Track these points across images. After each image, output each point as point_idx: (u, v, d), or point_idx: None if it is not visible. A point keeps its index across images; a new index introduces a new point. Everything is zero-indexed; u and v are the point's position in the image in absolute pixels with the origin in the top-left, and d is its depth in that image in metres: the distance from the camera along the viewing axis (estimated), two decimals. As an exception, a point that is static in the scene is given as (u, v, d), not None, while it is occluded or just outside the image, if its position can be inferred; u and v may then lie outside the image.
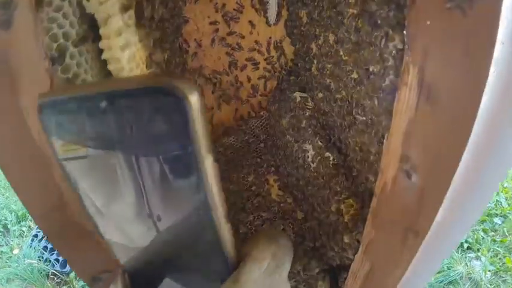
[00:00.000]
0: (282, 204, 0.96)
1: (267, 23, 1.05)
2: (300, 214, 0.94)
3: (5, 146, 0.52)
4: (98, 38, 0.53)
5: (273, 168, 1.06)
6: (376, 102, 0.57)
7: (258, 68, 1.11)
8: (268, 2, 1.00)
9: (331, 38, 0.76)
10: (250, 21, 1.05)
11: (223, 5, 1.02)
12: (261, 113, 1.16)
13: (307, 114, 0.91)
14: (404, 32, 0.44)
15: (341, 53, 0.71)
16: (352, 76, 0.66)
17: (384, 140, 0.54)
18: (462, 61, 0.39)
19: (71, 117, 0.34)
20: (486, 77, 0.38)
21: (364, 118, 0.63)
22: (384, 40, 0.53)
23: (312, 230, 0.88)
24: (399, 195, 0.56)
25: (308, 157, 0.87)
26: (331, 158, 0.81)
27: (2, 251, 4.48)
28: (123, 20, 0.52)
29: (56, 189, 0.56)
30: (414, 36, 0.43)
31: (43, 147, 0.51)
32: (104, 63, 0.55)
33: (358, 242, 0.73)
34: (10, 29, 0.42)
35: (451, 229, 0.58)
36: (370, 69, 0.58)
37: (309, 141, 0.87)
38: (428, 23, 0.41)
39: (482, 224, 2.82)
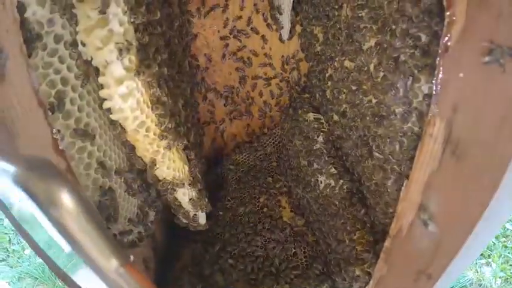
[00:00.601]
0: (294, 228, 0.95)
1: (280, 39, 1.03)
2: (311, 237, 0.93)
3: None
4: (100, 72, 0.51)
5: (285, 189, 1.04)
6: (396, 146, 0.56)
7: (270, 84, 1.10)
8: (280, 20, 0.98)
9: (348, 64, 0.74)
10: (262, 36, 1.04)
11: (235, 19, 1.01)
12: (274, 131, 1.14)
13: (321, 137, 0.89)
14: (433, 81, 0.42)
15: (359, 82, 0.68)
16: (371, 109, 0.64)
17: (403, 187, 0.52)
18: (496, 122, 0.37)
19: None
20: None
21: (382, 156, 0.61)
22: (409, 81, 0.51)
23: (323, 255, 0.87)
24: (415, 241, 0.55)
25: (321, 182, 0.85)
26: (344, 186, 0.80)
27: (14, 250, 4.51)
28: (123, 66, 0.50)
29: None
30: (444, 88, 0.41)
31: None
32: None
33: (369, 274, 0.72)
34: (4, 81, 0.41)
35: (461, 267, 0.57)
36: (391, 109, 0.56)
37: (322, 167, 0.85)
38: (461, 75, 0.39)
39: None
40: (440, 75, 0.41)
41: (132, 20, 0.48)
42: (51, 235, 0.37)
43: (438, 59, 0.41)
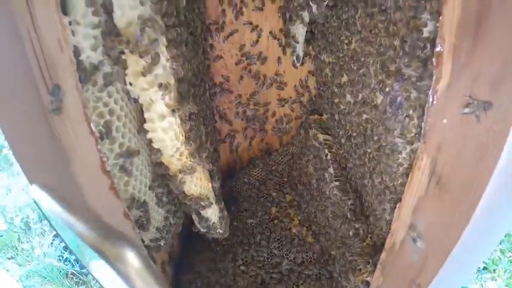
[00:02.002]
0: (301, 239, 1.04)
1: (293, 64, 1.11)
2: (317, 248, 1.01)
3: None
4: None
5: (295, 203, 1.13)
6: (392, 174, 0.64)
7: (283, 106, 1.19)
8: (295, 47, 1.06)
9: (355, 94, 0.82)
10: (277, 60, 1.13)
11: (252, 43, 1.09)
12: (286, 148, 1.23)
13: (329, 157, 0.97)
14: (423, 123, 0.51)
15: (363, 112, 0.77)
16: (373, 138, 0.73)
17: (396, 208, 0.61)
18: (471, 162, 0.46)
19: None
20: (490, 177, 0.45)
21: (380, 180, 0.70)
22: (406, 119, 0.59)
23: (328, 265, 0.96)
24: (405, 255, 0.64)
25: (328, 199, 0.94)
26: (348, 203, 0.88)
27: (23, 248, 4.58)
28: (165, 104, 0.59)
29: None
30: (431, 130, 0.50)
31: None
32: (143, 122, 0.64)
33: (368, 283, 0.81)
34: (61, 113, 0.50)
35: (450, 281, 0.65)
36: (389, 139, 0.65)
37: (330, 185, 0.93)
38: (445, 121, 0.48)
39: (500, 244, 2.76)
40: (428, 120, 0.50)
41: (174, 66, 0.58)
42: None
43: (427, 106, 0.49)
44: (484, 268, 2.63)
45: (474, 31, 0.41)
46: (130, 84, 0.58)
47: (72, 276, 3.35)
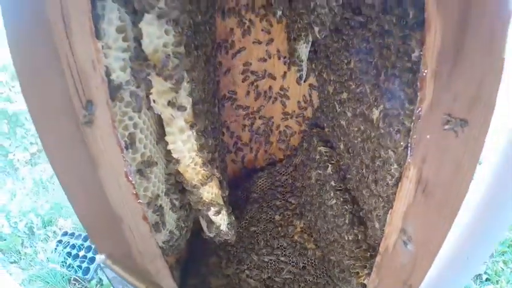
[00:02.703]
0: (303, 245, 1.10)
1: (297, 81, 1.19)
2: (318, 253, 1.07)
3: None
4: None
5: (297, 211, 1.19)
6: (384, 183, 0.71)
7: (287, 119, 1.25)
8: (299, 65, 1.13)
9: (353, 111, 0.89)
10: (282, 76, 1.20)
11: (260, 60, 1.17)
12: (289, 160, 1.30)
13: (329, 169, 1.04)
14: (409, 139, 0.57)
15: (361, 128, 0.84)
16: (369, 151, 0.79)
17: (388, 214, 0.67)
18: (452, 172, 0.53)
19: None
20: (468, 185, 0.52)
21: (375, 188, 0.76)
22: (397, 134, 0.66)
23: (328, 269, 1.02)
24: (398, 257, 0.70)
25: (328, 208, 1.00)
26: (348, 211, 0.94)
27: (26, 253, 4.62)
28: (185, 121, 0.67)
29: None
30: (417, 144, 0.57)
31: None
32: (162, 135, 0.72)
33: (364, 285, 0.87)
34: (93, 125, 0.57)
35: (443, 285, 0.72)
36: (382, 152, 0.71)
37: (330, 194, 1.00)
38: (428, 137, 0.55)
39: (503, 255, 2.77)
40: (414, 136, 0.56)
41: (193, 87, 0.65)
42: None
43: (413, 124, 0.56)
44: (487, 279, 2.65)
45: (452, 58, 0.48)
46: (154, 101, 0.65)
47: (75, 282, 3.39)
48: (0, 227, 5.07)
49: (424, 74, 0.51)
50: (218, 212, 0.82)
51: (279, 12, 1.03)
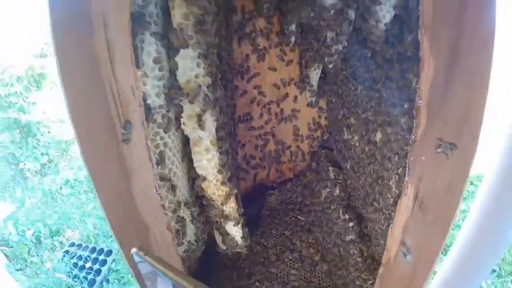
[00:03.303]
0: (312, 260, 1.16)
1: (308, 104, 1.27)
2: (325, 268, 1.13)
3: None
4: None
5: (306, 227, 1.25)
6: (386, 200, 0.78)
7: (297, 140, 1.33)
8: (311, 90, 1.22)
9: (359, 135, 0.97)
10: (294, 99, 1.28)
11: (275, 85, 1.25)
12: (299, 178, 1.37)
13: (337, 188, 1.11)
14: (407, 160, 0.65)
15: (366, 151, 0.91)
16: (373, 172, 0.87)
17: (389, 228, 0.74)
18: (444, 189, 0.61)
19: None
20: (459, 200, 0.59)
21: (378, 205, 0.83)
22: (395, 156, 0.74)
23: (335, 283, 1.08)
24: (398, 268, 0.76)
25: (336, 224, 1.07)
26: (354, 227, 1.01)
27: (32, 261, 4.69)
28: (210, 142, 0.76)
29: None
30: (413, 165, 0.64)
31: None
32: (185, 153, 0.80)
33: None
34: (130, 143, 0.65)
35: None
36: (384, 172, 0.79)
37: (338, 212, 1.07)
38: (423, 158, 0.62)
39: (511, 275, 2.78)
40: (411, 158, 0.64)
41: (218, 112, 0.75)
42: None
43: (410, 147, 0.64)
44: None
45: (443, 90, 0.56)
46: (184, 124, 0.74)
47: (80, 293, 3.43)
48: (8, 234, 5.16)
49: (419, 104, 0.59)
50: (234, 225, 0.89)
51: (292, 41, 1.11)
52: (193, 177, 0.82)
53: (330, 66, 0.98)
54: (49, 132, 8.20)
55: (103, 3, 0.57)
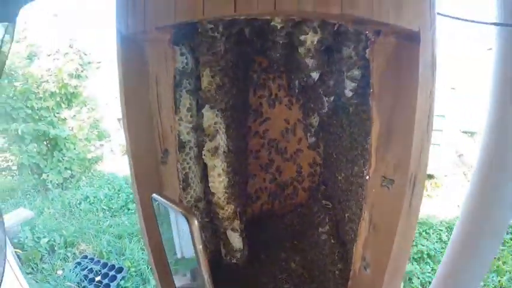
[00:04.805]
0: (303, 279, 1.37)
1: (309, 147, 1.51)
2: (314, 285, 1.34)
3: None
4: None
5: (299, 251, 1.46)
6: (354, 228, 1.01)
7: (299, 177, 1.56)
8: (312, 134, 1.46)
9: (348, 174, 1.20)
10: (299, 140, 1.52)
11: (283, 130, 1.49)
12: (296, 211, 1.59)
13: (327, 219, 1.33)
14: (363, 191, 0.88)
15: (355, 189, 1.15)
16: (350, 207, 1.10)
17: (354, 246, 0.96)
18: (388, 212, 0.84)
19: None
20: (398, 219, 0.82)
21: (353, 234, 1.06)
22: (360, 188, 0.97)
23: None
24: (362, 279, 0.98)
25: (323, 250, 1.28)
26: (338, 251, 1.22)
27: (43, 268, 4.86)
28: (222, 169, 1.02)
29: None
30: (368, 196, 0.87)
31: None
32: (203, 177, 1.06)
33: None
34: (166, 165, 0.92)
35: None
36: (346, 202, 1.02)
37: (325, 239, 1.28)
38: (374, 190, 0.85)
39: None
40: (366, 190, 0.87)
41: (230, 149, 1.01)
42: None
43: (365, 182, 0.87)
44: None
45: (386, 140, 0.80)
46: (204, 155, 1.00)
47: (86, 304, 3.61)
48: (24, 239, 5.37)
49: (370, 150, 0.83)
50: (234, 230, 1.13)
51: (296, 93, 1.37)
52: (208, 194, 1.07)
53: (322, 116, 1.24)
54: (74, 148, 8.61)
55: (157, 68, 0.85)
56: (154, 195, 0.78)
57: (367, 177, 0.86)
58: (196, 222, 0.71)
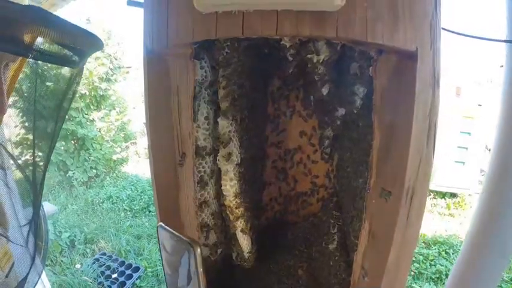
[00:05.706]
0: (304, 283, 1.42)
1: (322, 158, 1.56)
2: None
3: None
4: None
5: (306, 257, 1.52)
6: (352, 238, 1.06)
7: (313, 187, 1.62)
8: (326, 145, 1.52)
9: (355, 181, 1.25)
10: (315, 150, 1.58)
11: (297, 138, 1.55)
12: (308, 221, 1.64)
13: (336, 229, 1.38)
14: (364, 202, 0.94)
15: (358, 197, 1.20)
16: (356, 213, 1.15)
17: (354, 256, 1.01)
18: (385, 223, 0.89)
19: None
20: (394, 228, 0.87)
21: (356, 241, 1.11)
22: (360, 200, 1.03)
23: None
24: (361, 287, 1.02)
25: (330, 260, 1.33)
26: (343, 260, 1.27)
27: (62, 261, 4.99)
28: (234, 174, 1.10)
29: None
30: (368, 206, 0.93)
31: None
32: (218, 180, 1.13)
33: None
34: (183, 167, 1.00)
35: None
36: (353, 213, 1.07)
37: (332, 250, 1.33)
38: (373, 201, 0.91)
39: None
40: (367, 200, 0.92)
41: (242, 156, 1.08)
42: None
43: (366, 193, 0.93)
44: None
45: (385, 154, 0.85)
46: (218, 160, 1.08)
47: (101, 299, 3.70)
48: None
49: (371, 163, 0.89)
50: (244, 232, 1.20)
51: (311, 107, 1.44)
52: (221, 195, 1.14)
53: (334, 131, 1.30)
54: (101, 149, 8.88)
55: (178, 80, 0.94)
56: (160, 224, 0.88)
57: (368, 188, 0.91)
58: (199, 250, 0.80)
